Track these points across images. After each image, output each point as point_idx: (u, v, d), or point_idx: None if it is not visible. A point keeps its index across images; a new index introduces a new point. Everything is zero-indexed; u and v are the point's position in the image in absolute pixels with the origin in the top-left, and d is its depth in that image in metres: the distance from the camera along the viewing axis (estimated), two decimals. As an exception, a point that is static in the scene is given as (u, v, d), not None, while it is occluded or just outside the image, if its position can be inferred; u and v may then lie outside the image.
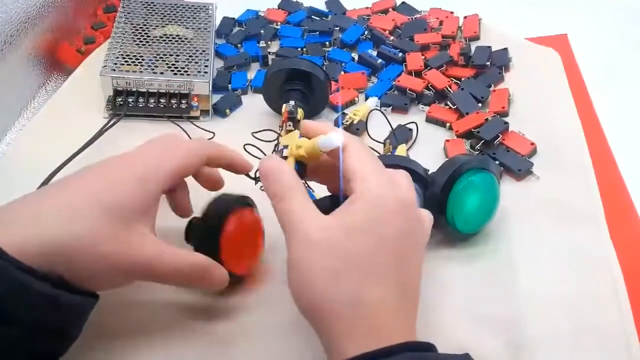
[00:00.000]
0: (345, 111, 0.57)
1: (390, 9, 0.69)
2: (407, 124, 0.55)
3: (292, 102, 0.51)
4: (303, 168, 0.38)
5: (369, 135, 0.53)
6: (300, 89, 0.53)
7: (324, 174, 0.39)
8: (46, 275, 0.32)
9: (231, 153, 0.42)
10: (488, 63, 0.60)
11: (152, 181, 0.36)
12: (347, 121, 0.55)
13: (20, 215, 0.33)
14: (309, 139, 0.37)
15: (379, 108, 0.57)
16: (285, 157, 0.39)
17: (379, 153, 0.52)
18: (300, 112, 0.51)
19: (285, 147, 0.40)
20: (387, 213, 0.33)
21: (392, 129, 0.53)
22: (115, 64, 0.57)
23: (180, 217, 0.41)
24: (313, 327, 0.33)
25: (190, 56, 0.59)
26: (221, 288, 0.39)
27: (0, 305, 0.31)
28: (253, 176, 0.44)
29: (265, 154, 0.47)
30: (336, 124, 0.55)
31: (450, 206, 0.42)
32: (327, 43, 0.66)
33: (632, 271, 0.42)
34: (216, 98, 0.60)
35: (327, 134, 0.35)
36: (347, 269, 0.31)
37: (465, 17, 0.66)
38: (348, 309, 0.31)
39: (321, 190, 0.41)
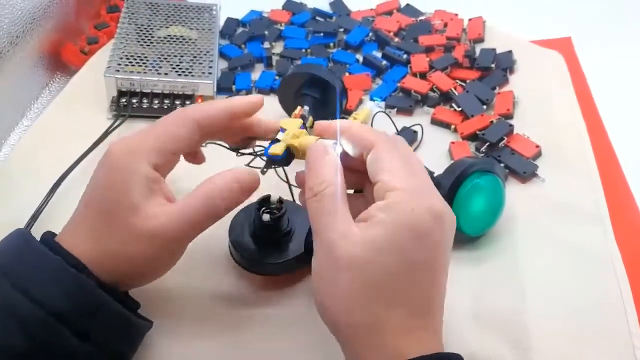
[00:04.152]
0: (345, 115, 0.56)
1: (395, 11, 0.69)
2: (412, 125, 0.55)
3: (307, 107, 0.51)
4: (291, 157, 0.37)
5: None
6: (316, 97, 0.52)
7: None
8: (121, 297, 0.34)
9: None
10: (493, 65, 0.60)
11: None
12: None
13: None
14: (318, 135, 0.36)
15: (383, 109, 0.57)
16: (277, 140, 0.38)
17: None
18: (310, 120, 0.50)
19: (283, 129, 0.39)
20: (419, 231, 0.30)
21: (397, 130, 0.53)
22: (119, 64, 0.57)
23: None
24: (336, 339, 0.32)
25: (194, 57, 0.59)
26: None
27: (81, 321, 0.32)
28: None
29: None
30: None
31: (456, 209, 0.42)
32: (331, 44, 0.66)
33: (637, 271, 0.43)
34: (220, 99, 0.59)
35: (324, 140, 0.34)
36: (366, 292, 0.29)
37: (469, 20, 0.66)
38: (366, 332, 0.30)
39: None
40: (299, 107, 0.51)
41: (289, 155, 0.37)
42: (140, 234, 0.33)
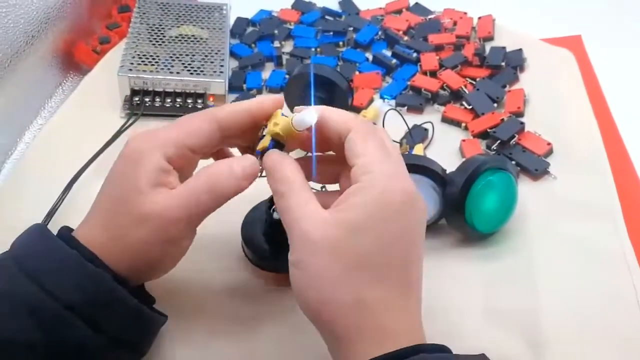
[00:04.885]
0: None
1: (404, 9, 0.69)
2: (423, 123, 0.55)
3: None
4: (280, 147, 0.36)
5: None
6: (322, 97, 0.52)
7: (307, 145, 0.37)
8: (134, 289, 0.34)
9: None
10: (503, 63, 0.60)
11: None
12: None
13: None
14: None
15: (394, 107, 0.57)
16: (264, 136, 0.37)
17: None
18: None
19: (266, 125, 0.38)
20: (393, 209, 0.31)
21: (408, 128, 0.53)
22: (132, 64, 0.57)
23: None
24: (318, 330, 0.32)
25: (205, 56, 0.60)
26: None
27: (96, 313, 0.32)
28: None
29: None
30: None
31: (469, 206, 0.42)
32: (340, 43, 0.66)
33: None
34: (231, 98, 0.60)
35: (301, 112, 0.34)
36: (348, 271, 0.30)
37: (479, 18, 0.66)
38: (351, 312, 0.30)
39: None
40: None
41: (277, 144, 0.36)
42: (143, 216, 0.33)
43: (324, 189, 0.44)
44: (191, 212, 0.34)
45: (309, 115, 0.33)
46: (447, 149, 0.53)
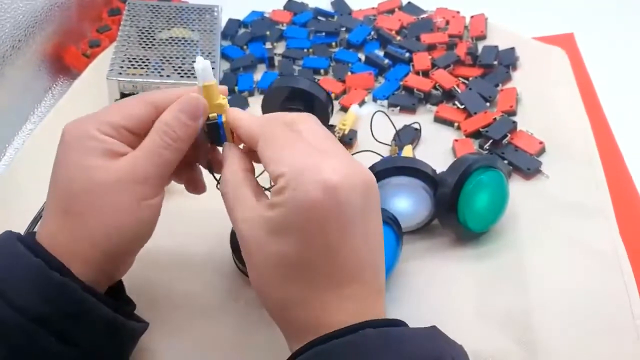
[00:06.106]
0: (333, 123, 0.55)
1: (396, 9, 0.69)
2: (412, 124, 0.54)
3: None
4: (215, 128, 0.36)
5: (374, 137, 0.52)
6: (300, 109, 0.50)
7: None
8: (107, 299, 0.33)
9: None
10: (495, 62, 0.60)
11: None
12: (337, 133, 0.54)
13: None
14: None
15: (385, 108, 0.57)
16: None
17: (382, 156, 0.51)
18: None
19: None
20: (309, 207, 0.29)
21: (395, 129, 0.53)
22: (122, 67, 0.57)
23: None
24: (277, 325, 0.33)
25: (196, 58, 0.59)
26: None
27: (65, 326, 0.31)
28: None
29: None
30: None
31: (461, 205, 0.42)
32: (333, 43, 0.66)
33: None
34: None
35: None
36: (270, 268, 0.31)
37: (471, 17, 0.66)
38: (279, 313, 0.31)
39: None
40: None
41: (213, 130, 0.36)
42: (108, 186, 0.32)
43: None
44: (158, 167, 0.34)
45: (198, 64, 0.34)
46: (439, 148, 0.53)
